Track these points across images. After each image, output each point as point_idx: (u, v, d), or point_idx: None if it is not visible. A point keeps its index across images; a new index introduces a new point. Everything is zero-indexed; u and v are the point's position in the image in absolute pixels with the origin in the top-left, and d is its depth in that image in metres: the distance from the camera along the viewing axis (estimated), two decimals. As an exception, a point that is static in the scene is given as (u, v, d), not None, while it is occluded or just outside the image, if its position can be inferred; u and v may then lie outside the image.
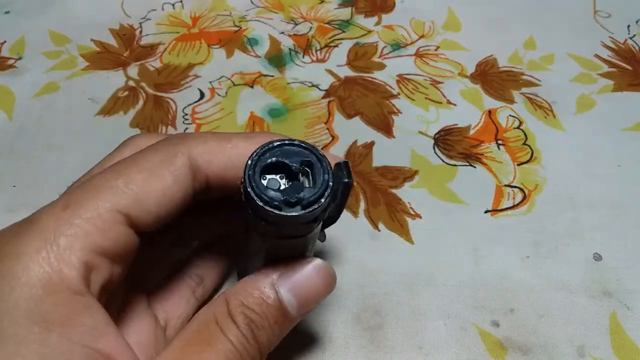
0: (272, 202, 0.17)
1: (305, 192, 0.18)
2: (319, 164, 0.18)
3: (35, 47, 0.42)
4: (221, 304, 0.19)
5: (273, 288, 0.19)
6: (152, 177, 0.19)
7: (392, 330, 0.27)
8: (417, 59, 0.42)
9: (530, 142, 0.36)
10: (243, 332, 0.19)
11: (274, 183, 0.18)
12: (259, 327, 0.19)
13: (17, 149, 0.35)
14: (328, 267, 0.20)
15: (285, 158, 0.18)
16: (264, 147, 0.18)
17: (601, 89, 0.39)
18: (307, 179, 0.18)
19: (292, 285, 0.20)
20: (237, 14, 0.46)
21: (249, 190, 0.17)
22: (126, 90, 0.39)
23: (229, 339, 0.18)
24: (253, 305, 0.19)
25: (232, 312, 0.19)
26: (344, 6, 0.47)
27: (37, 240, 0.17)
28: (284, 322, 0.20)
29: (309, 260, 0.20)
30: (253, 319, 0.19)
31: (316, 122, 0.37)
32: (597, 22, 0.45)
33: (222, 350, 0.18)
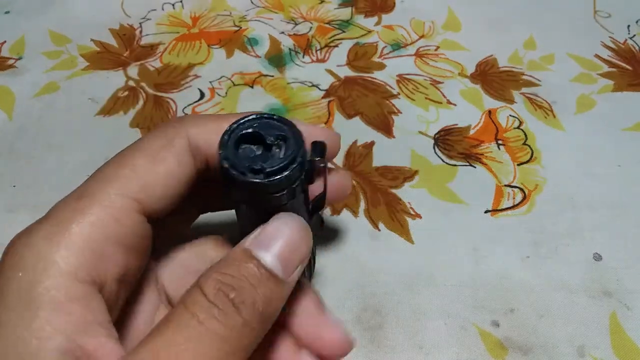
0: (238, 167, 0.18)
1: (272, 162, 0.18)
2: (293, 138, 0.19)
3: (35, 47, 0.42)
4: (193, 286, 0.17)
5: (246, 251, 0.17)
6: (156, 161, 0.19)
7: (392, 330, 0.27)
8: (417, 59, 0.42)
9: (530, 142, 0.36)
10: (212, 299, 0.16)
11: (249, 151, 0.19)
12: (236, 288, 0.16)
13: (17, 149, 0.35)
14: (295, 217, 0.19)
15: (261, 130, 0.19)
16: (244, 118, 0.19)
17: (601, 89, 0.39)
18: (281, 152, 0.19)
19: (264, 242, 0.18)
20: (237, 14, 0.46)
21: (219, 152, 0.18)
22: (126, 90, 0.39)
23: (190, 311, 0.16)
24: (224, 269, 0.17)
25: (201, 283, 0.17)
26: (344, 6, 0.47)
27: (50, 227, 0.17)
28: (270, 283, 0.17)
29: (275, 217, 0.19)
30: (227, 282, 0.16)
31: (316, 122, 0.37)
32: (597, 22, 0.45)
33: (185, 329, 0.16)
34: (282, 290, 0.18)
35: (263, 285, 0.17)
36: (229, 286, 0.16)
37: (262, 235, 0.18)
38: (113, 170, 0.19)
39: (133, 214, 0.18)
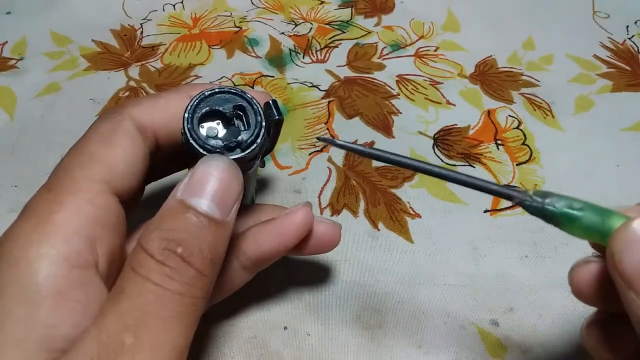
0: (215, 150, 0.19)
1: (243, 135, 0.20)
2: (250, 107, 0.20)
3: (37, 47, 0.42)
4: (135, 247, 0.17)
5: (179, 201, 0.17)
6: (110, 144, 0.20)
7: (392, 329, 0.27)
8: (417, 60, 0.42)
9: (529, 142, 0.36)
10: (159, 258, 0.16)
11: (212, 130, 0.20)
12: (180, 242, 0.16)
13: (19, 149, 0.35)
14: (218, 158, 0.18)
15: (218, 106, 0.20)
16: (197, 98, 0.20)
17: (600, 89, 0.40)
18: (241, 122, 0.20)
19: (195, 189, 0.17)
20: (238, 15, 0.46)
21: (191, 142, 0.19)
22: (127, 91, 0.39)
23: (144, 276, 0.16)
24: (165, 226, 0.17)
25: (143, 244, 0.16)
26: (344, 7, 0.47)
27: (30, 221, 0.17)
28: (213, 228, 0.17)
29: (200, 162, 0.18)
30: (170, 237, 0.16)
31: (316, 122, 0.37)
32: (596, 23, 0.45)
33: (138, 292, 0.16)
34: (224, 231, 0.18)
35: (205, 232, 0.17)
36: (173, 242, 0.16)
37: (193, 182, 0.18)
38: (73, 159, 0.19)
39: (105, 195, 0.19)
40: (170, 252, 0.16)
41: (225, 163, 0.18)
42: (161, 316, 0.16)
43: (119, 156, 0.20)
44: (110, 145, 0.20)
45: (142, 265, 0.16)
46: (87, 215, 0.18)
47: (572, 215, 0.16)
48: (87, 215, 0.18)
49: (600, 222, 0.16)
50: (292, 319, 0.27)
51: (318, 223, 0.24)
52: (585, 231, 0.16)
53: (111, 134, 0.20)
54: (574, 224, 0.16)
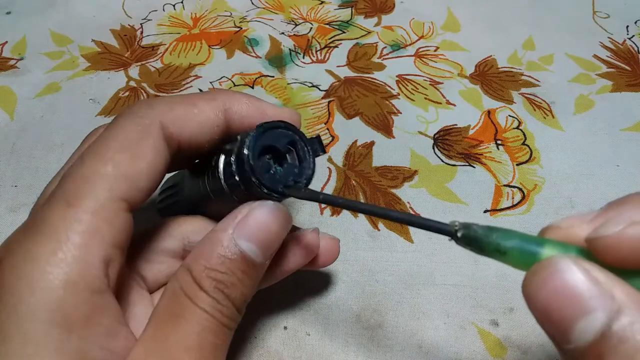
0: (277, 190, 0.20)
1: (300, 176, 0.20)
2: (301, 142, 0.21)
3: (37, 47, 0.42)
4: (185, 274, 0.19)
5: (232, 242, 0.19)
6: (137, 156, 0.19)
7: (392, 329, 0.27)
8: (417, 60, 0.42)
9: (529, 142, 0.36)
10: (213, 296, 0.18)
11: (266, 166, 0.20)
12: (228, 285, 0.18)
13: (19, 149, 0.35)
14: (280, 206, 0.20)
15: (274, 142, 0.20)
16: (254, 134, 0.20)
17: (600, 89, 0.40)
18: (289, 156, 0.21)
19: (249, 233, 0.19)
20: (238, 15, 0.46)
21: (254, 181, 0.19)
22: (127, 91, 0.39)
23: (200, 307, 0.18)
24: (217, 266, 0.18)
25: (197, 279, 0.18)
26: (344, 7, 0.47)
27: (50, 242, 0.17)
28: (252, 272, 0.19)
29: (257, 204, 0.20)
30: (220, 279, 0.18)
31: (316, 122, 0.37)
32: (596, 23, 0.45)
33: (196, 321, 0.18)
34: (261, 272, 0.20)
35: (247, 276, 0.19)
36: (223, 283, 0.19)
37: (248, 224, 0.19)
38: (94, 167, 0.18)
39: (123, 214, 0.18)
40: (219, 291, 0.18)
41: (282, 213, 0.20)
42: (214, 342, 0.18)
43: (144, 172, 0.19)
44: (137, 158, 0.19)
45: (197, 297, 0.18)
46: (105, 237, 0.18)
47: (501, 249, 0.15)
48: (105, 237, 0.18)
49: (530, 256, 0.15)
50: (292, 319, 0.27)
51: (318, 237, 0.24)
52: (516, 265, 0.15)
53: (138, 143, 0.19)
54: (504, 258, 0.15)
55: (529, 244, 0.15)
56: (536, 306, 0.14)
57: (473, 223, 0.16)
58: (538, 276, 0.14)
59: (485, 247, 0.15)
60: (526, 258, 0.15)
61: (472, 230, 0.16)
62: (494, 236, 0.15)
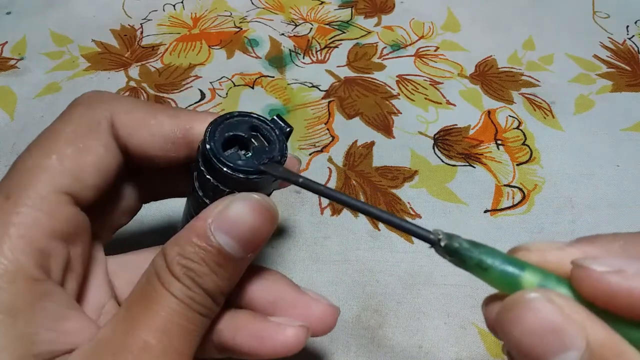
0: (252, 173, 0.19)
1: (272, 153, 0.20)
2: (264, 124, 0.20)
3: (37, 47, 0.42)
4: (160, 258, 0.18)
5: (208, 232, 0.18)
6: (83, 149, 0.19)
7: (392, 329, 0.27)
8: (417, 60, 0.42)
9: (529, 142, 0.36)
10: (184, 282, 0.18)
11: (235, 157, 0.20)
12: (200, 275, 0.18)
13: (19, 149, 0.35)
14: (262, 200, 0.19)
15: (235, 131, 0.20)
16: (213, 127, 0.19)
17: (600, 89, 0.40)
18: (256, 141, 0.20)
19: (226, 226, 0.18)
20: (238, 15, 0.46)
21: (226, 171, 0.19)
22: (127, 91, 0.39)
23: (170, 292, 0.18)
24: (190, 255, 0.18)
25: (169, 264, 0.18)
26: (344, 7, 0.47)
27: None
28: (229, 265, 0.18)
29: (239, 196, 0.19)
30: (192, 267, 0.18)
31: (316, 122, 0.37)
32: (596, 23, 0.45)
33: (167, 305, 0.18)
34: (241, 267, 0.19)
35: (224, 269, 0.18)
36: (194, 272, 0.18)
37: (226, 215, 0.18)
38: (37, 160, 0.18)
39: (66, 207, 0.18)
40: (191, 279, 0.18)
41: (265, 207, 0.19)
42: (182, 325, 0.18)
43: (90, 166, 0.19)
44: (83, 151, 0.19)
45: (168, 282, 0.18)
46: (43, 229, 0.18)
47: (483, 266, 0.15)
48: (43, 229, 0.18)
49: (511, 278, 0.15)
50: (293, 319, 0.27)
51: (315, 302, 0.22)
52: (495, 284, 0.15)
53: (85, 137, 0.19)
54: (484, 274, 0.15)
55: (511, 266, 0.15)
56: (511, 342, 0.14)
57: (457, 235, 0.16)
58: (513, 312, 0.14)
59: (467, 261, 0.15)
60: (506, 279, 0.15)
61: (455, 241, 0.16)
62: (478, 252, 0.15)
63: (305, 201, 0.32)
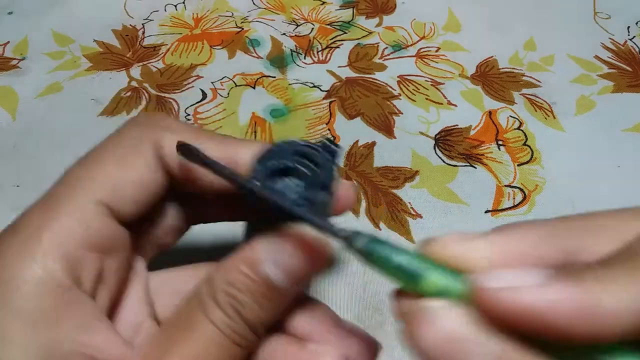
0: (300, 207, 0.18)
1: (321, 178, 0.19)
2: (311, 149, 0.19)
3: (39, 47, 0.42)
4: (205, 284, 0.18)
5: (258, 262, 0.18)
6: (125, 164, 0.19)
7: (393, 328, 0.27)
8: (418, 60, 0.42)
9: (530, 143, 0.36)
10: (226, 311, 0.17)
11: (288, 189, 0.19)
12: (243, 305, 0.17)
13: (21, 149, 0.35)
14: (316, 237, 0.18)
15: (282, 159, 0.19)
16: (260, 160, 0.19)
17: (601, 90, 0.40)
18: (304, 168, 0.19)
19: (278, 257, 0.18)
20: (239, 15, 0.46)
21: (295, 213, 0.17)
22: (129, 91, 0.39)
23: (210, 320, 0.17)
24: (236, 283, 0.18)
25: (214, 292, 0.18)
26: (346, 7, 0.47)
27: (21, 240, 0.17)
28: (273, 297, 0.18)
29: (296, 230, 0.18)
30: (236, 296, 0.17)
31: (317, 122, 0.37)
32: (597, 24, 0.45)
33: (205, 333, 0.17)
34: (285, 299, 0.19)
35: (268, 300, 0.18)
36: (238, 301, 0.17)
37: (276, 249, 0.18)
38: (80, 174, 0.19)
39: (102, 218, 0.18)
40: (233, 309, 0.17)
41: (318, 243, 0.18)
42: (218, 356, 0.17)
43: (130, 181, 0.19)
44: (124, 166, 0.19)
45: (211, 312, 0.17)
46: (76, 238, 0.18)
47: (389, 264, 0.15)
48: (76, 238, 0.18)
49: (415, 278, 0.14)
50: (294, 319, 0.27)
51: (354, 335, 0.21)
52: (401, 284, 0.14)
53: (129, 153, 0.19)
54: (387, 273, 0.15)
55: (416, 266, 0.14)
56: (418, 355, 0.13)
57: (365, 233, 0.16)
58: (414, 328, 0.13)
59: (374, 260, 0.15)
60: (410, 279, 0.14)
61: (361, 239, 0.15)
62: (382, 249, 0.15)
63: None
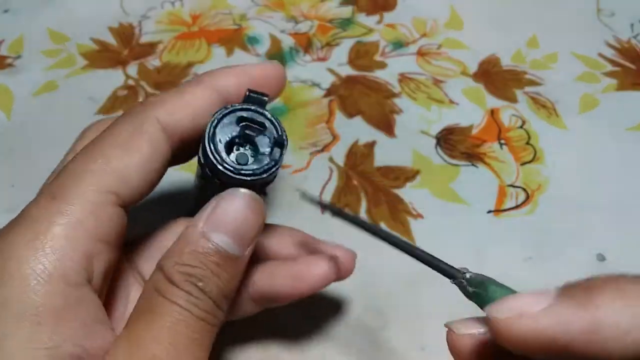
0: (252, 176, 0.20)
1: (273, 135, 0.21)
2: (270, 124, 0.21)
3: (34, 45, 0.41)
4: (157, 273, 0.18)
5: (202, 235, 0.18)
6: (129, 150, 0.19)
7: (394, 331, 0.26)
8: (419, 58, 0.41)
9: (533, 142, 0.35)
10: (185, 289, 0.17)
11: (243, 157, 0.20)
12: (201, 278, 0.18)
13: (16, 148, 0.34)
14: (246, 192, 0.19)
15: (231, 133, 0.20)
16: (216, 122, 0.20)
17: (605, 88, 0.39)
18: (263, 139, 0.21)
19: (219, 225, 0.18)
20: (238, 12, 0.45)
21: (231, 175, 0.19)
22: (125, 89, 0.38)
23: (172, 301, 0.17)
24: (189, 260, 0.18)
25: (168, 274, 0.18)
26: (345, 4, 0.46)
27: (29, 233, 0.17)
28: (229, 264, 0.18)
29: (224, 194, 0.19)
30: (192, 272, 0.17)
31: (317, 121, 0.36)
32: (600, 21, 0.45)
33: (168, 314, 0.17)
34: (240, 265, 0.19)
35: (223, 269, 0.18)
36: (194, 277, 0.18)
37: (217, 216, 0.18)
38: (84, 163, 0.18)
39: (110, 208, 0.18)
40: (192, 284, 0.18)
41: (250, 199, 0.19)
42: (189, 336, 0.17)
43: (135, 165, 0.18)
44: (128, 152, 0.18)
45: (169, 291, 0.17)
46: (88, 230, 0.17)
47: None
48: (88, 230, 0.17)
49: None
50: (293, 323, 0.27)
51: (334, 246, 0.24)
52: None
53: (131, 138, 0.19)
54: None
55: None
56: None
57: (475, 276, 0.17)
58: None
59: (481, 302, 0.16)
60: None
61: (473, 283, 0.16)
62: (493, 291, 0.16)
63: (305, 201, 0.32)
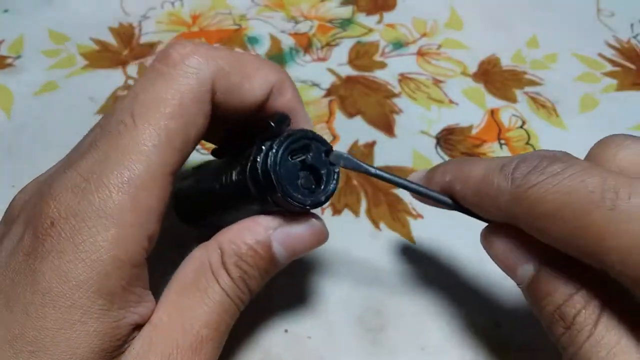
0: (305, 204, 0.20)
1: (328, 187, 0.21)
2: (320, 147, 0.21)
3: (34, 45, 0.41)
4: (214, 250, 0.20)
5: (268, 240, 0.20)
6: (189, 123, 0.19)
7: (394, 331, 0.26)
8: (419, 58, 0.41)
9: (533, 142, 0.35)
10: (237, 283, 0.20)
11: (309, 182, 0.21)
12: (250, 277, 0.20)
13: (16, 148, 0.34)
14: (323, 227, 0.21)
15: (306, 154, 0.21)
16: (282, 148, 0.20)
17: (605, 88, 0.39)
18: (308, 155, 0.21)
19: (286, 239, 0.20)
20: (238, 13, 0.45)
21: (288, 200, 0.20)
22: (126, 89, 0.38)
23: (222, 289, 0.19)
24: (246, 258, 0.20)
25: (225, 263, 0.19)
26: (345, 4, 0.46)
27: (104, 218, 0.17)
28: (273, 270, 0.21)
29: (306, 218, 0.21)
30: (246, 270, 0.20)
31: (317, 121, 0.36)
32: (600, 21, 0.45)
33: (219, 301, 0.19)
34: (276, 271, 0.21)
35: (269, 274, 0.21)
36: (247, 274, 0.20)
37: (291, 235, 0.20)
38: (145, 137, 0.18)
39: (168, 188, 0.19)
40: (243, 281, 0.20)
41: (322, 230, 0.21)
42: (229, 324, 0.20)
43: (192, 141, 0.19)
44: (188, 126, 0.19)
45: (221, 277, 0.20)
46: (155, 214, 0.18)
47: None
48: (155, 214, 0.18)
49: None
50: (293, 322, 0.27)
51: None
52: None
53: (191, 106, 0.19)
54: None
55: None
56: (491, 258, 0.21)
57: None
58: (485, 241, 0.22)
59: None
60: None
61: None
62: None
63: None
